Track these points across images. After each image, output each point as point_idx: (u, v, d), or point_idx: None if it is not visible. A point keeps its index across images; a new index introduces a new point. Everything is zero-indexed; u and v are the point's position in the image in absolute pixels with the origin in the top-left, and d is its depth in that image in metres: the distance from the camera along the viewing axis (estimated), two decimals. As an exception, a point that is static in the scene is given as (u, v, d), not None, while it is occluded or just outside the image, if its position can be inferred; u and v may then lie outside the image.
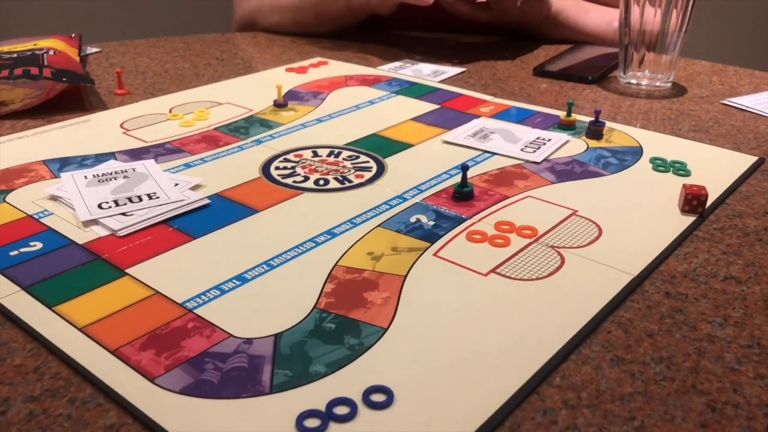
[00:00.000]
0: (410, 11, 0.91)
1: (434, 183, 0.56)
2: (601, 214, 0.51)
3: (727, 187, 0.56)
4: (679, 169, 0.59)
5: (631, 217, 0.51)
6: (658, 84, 0.82)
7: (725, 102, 0.78)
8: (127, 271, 0.44)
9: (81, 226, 0.49)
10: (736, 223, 0.51)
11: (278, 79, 0.82)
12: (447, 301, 0.41)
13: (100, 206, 0.51)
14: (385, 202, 0.53)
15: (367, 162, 0.60)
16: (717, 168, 0.60)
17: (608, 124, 0.68)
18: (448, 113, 0.73)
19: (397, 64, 0.92)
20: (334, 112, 0.73)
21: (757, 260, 0.47)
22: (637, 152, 0.63)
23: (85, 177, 0.55)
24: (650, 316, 0.41)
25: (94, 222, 0.49)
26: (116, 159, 0.60)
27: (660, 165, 0.60)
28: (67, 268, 0.44)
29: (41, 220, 0.50)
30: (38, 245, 0.47)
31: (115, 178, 0.55)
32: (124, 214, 0.50)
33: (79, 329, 0.38)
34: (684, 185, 0.53)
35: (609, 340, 0.39)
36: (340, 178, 0.57)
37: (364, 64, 0.92)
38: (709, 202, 0.53)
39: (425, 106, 0.75)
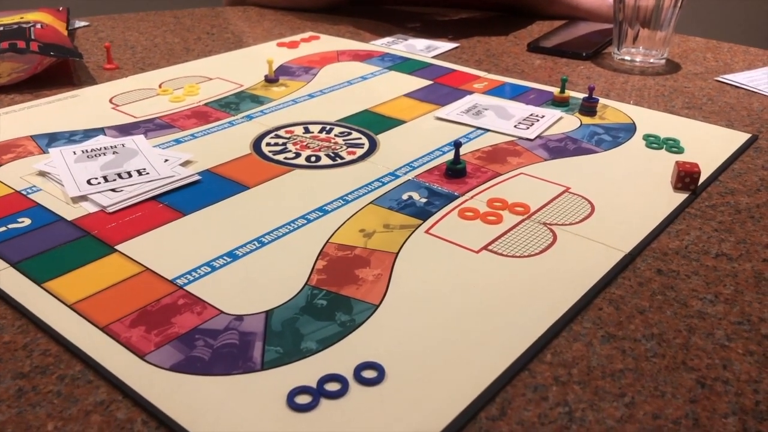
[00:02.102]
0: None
1: (427, 160, 0.56)
2: (593, 191, 0.51)
3: (720, 164, 0.56)
4: (672, 146, 0.59)
5: (624, 194, 0.51)
6: (652, 60, 0.82)
7: (719, 79, 0.77)
8: (116, 247, 0.43)
9: (70, 202, 0.48)
10: (729, 201, 0.51)
11: (269, 54, 0.81)
12: (439, 278, 0.41)
13: (89, 182, 0.50)
14: (378, 179, 0.53)
15: (359, 138, 0.60)
16: (710, 145, 0.60)
17: (602, 100, 0.68)
18: (441, 89, 0.72)
19: (389, 39, 0.91)
20: (325, 87, 0.72)
21: (749, 237, 0.47)
22: (630, 129, 0.62)
23: (74, 152, 0.55)
24: (641, 293, 0.41)
25: (83, 198, 0.49)
26: (105, 134, 0.60)
27: (653, 142, 0.59)
28: (56, 245, 0.44)
29: (29, 196, 0.49)
30: (27, 221, 0.46)
31: (105, 154, 0.55)
32: (113, 190, 0.50)
33: (69, 306, 0.38)
34: (677, 162, 0.53)
35: (600, 316, 0.39)
36: (332, 155, 0.57)
37: (357, 39, 0.91)
38: (701, 180, 0.53)
39: (418, 82, 0.74)
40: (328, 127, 0.62)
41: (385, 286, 0.40)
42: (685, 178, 0.52)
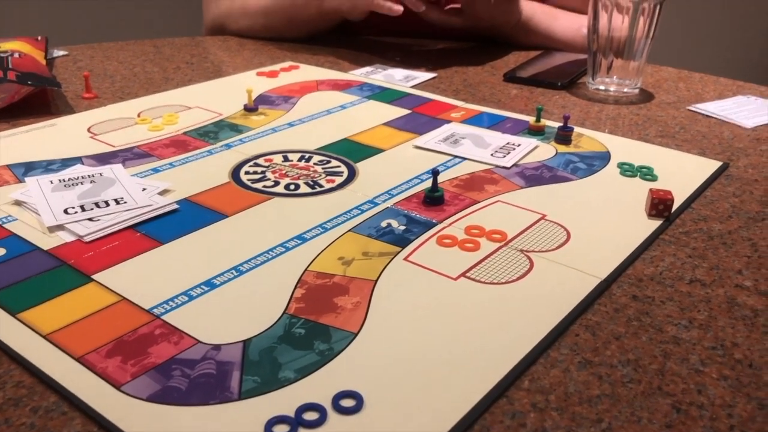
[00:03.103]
0: (381, 17, 0.91)
1: (405, 188, 0.56)
2: (569, 219, 0.52)
3: (693, 191, 0.57)
4: (646, 173, 0.60)
5: (599, 222, 0.52)
6: (625, 90, 0.83)
7: (691, 108, 0.79)
8: (93, 277, 0.43)
9: (46, 232, 0.48)
10: (701, 227, 0.52)
11: (249, 83, 0.82)
12: (417, 305, 0.41)
13: (66, 211, 0.50)
14: (356, 207, 0.53)
15: (339, 167, 0.60)
16: (683, 173, 0.61)
17: (577, 129, 0.69)
18: (420, 118, 0.73)
19: (368, 68, 0.92)
20: (305, 116, 0.73)
21: (721, 263, 0.48)
22: (604, 157, 0.64)
23: (51, 182, 0.55)
24: (617, 319, 0.41)
25: (60, 227, 0.49)
26: (83, 163, 0.60)
27: (627, 170, 0.60)
28: (31, 275, 0.43)
29: (5, 225, 0.49)
30: (2, 251, 0.46)
31: (82, 183, 0.55)
32: (90, 219, 0.49)
33: (44, 336, 0.37)
34: (651, 190, 0.53)
35: (577, 343, 0.39)
36: (311, 183, 0.57)
37: (336, 68, 0.92)
38: (675, 207, 0.54)
39: (396, 111, 0.75)
40: (307, 155, 0.63)
41: (364, 314, 0.40)
42: (659, 205, 0.52)
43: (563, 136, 0.67)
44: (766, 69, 2.17)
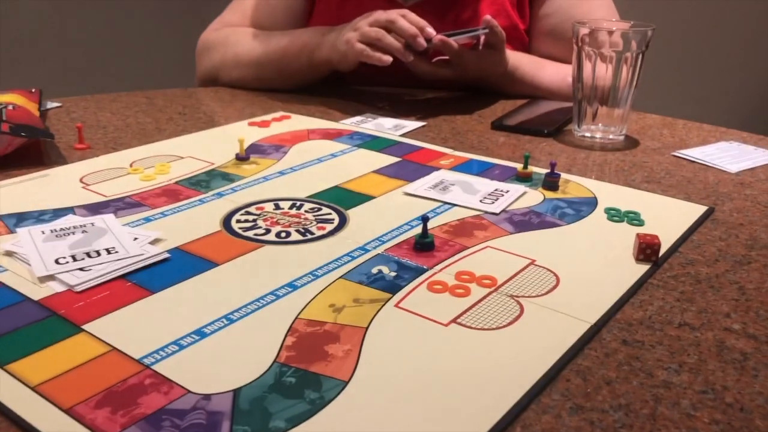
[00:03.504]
0: (371, 68, 0.93)
1: (396, 234, 0.57)
2: (558, 264, 0.52)
3: (680, 235, 0.58)
4: (633, 218, 0.61)
5: (588, 266, 0.52)
6: (611, 137, 0.85)
7: (676, 154, 0.81)
8: (83, 327, 0.43)
9: (37, 282, 0.48)
10: (689, 271, 0.53)
11: (241, 133, 0.83)
12: (408, 352, 0.41)
13: (57, 261, 0.50)
14: (347, 254, 0.53)
15: (329, 214, 0.61)
16: (669, 217, 0.62)
17: (564, 175, 0.70)
18: (409, 166, 0.74)
19: (359, 118, 0.93)
20: (296, 165, 0.74)
21: (710, 307, 0.48)
22: (592, 203, 0.64)
23: (42, 232, 0.55)
24: (608, 363, 0.41)
25: (51, 278, 0.48)
26: (75, 214, 0.60)
27: (614, 215, 0.61)
28: (20, 325, 0.43)
29: (-5, 276, 0.49)
30: (-9, 302, 0.46)
31: (73, 233, 0.55)
32: (81, 269, 0.49)
33: (32, 388, 0.37)
34: (638, 234, 0.54)
35: (568, 388, 0.39)
36: (302, 231, 0.57)
37: (327, 118, 0.93)
38: (662, 251, 0.54)
39: (387, 159, 0.76)
40: (298, 203, 0.63)
41: (355, 362, 0.40)
42: (647, 249, 0.53)
43: (551, 182, 0.68)
44: (747, 116, 2.21)
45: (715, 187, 0.70)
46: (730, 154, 0.80)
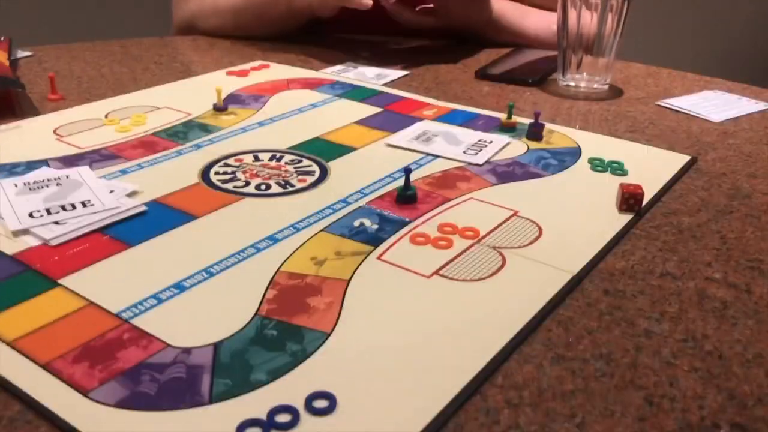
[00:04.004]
0: (352, 14, 0.90)
1: (378, 186, 0.56)
2: (541, 215, 0.52)
3: (662, 186, 0.58)
4: (617, 168, 0.60)
5: (571, 217, 0.52)
6: (595, 86, 0.84)
7: (660, 103, 0.80)
8: (59, 281, 0.42)
9: (10, 236, 0.47)
10: (671, 221, 0.53)
11: (218, 82, 0.81)
12: (390, 304, 0.41)
13: (31, 215, 0.49)
14: (329, 207, 0.53)
15: (310, 166, 0.60)
16: (652, 167, 0.61)
17: (548, 125, 0.70)
18: (392, 116, 0.73)
19: (339, 67, 0.91)
20: (276, 115, 0.72)
21: (691, 256, 0.48)
22: (575, 153, 0.64)
23: (15, 185, 0.53)
24: (590, 313, 0.41)
25: (25, 231, 0.47)
26: (49, 166, 0.58)
27: (598, 165, 0.61)
28: (-6, 280, 0.42)
29: (-33, 230, 0.48)
30: (-36, 257, 0.45)
31: (47, 186, 0.53)
32: (56, 222, 0.48)
33: (8, 344, 0.37)
34: (621, 184, 0.54)
35: (550, 338, 0.39)
36: (283, 183, 0.56)
37: (307, 67, 0.91)
38: (645, 201, 0.54)
39: (368, 110, 0.75)
40: (278, 155, 0.62)
41: (337, 314, 0.40)
42: (629, 199, 0.53)
43: (534, 132, 0.67)
44: (732, 64, 2.20)
45: (698, 136, 0.70)
46: (714, 104, 0.80)
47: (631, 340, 0.39)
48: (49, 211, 0.50)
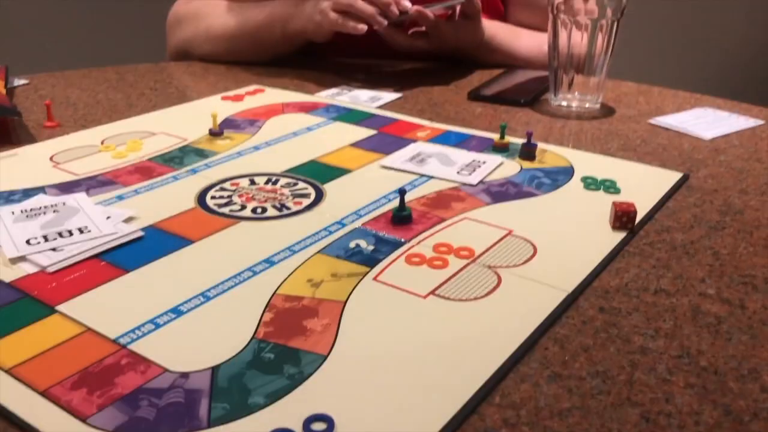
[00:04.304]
0: (346, 39, 0.91)
1: (373, 208, 0.57)
2: (535, 233, 0.52)
3: (655, 203, 0.58)
4: (609, 187, 0.61)
5: (565, 235, 0.53)
6: (587, 105, 0.85)
7: (651, 121, 0.81)
8: (57, 308, 0.42)
9: (8, 264, 0.47)
10: (664, 238, 0.53)
11: (214, 107, 0.82)
12: (387, 324, 0.41)
13: (28, 242, 0.49)
14: (325, 229, 0.53)
15: (306, 188, 0.60)
16: (645, 185, 0.62)
17: (540, 145, 0.70)
18: (386, 138, 0.73)
19: (334, 90, 0.92)
20: (271, 139, 0.73)
21: (685, 273, 0.48)
22: (568, 172, 0.64)
23: (12, 212, 0.54)
24: (585, 331, 0.42)
25: (22, 258, 0.48)
26: (46, 193, 0.59)
27: (591, 183, 0.61)
28: (-8, 308, 0.42)
29: (-35, 258, 0.48)
30: (-39, 285, 0.45)
31: (45, 213, 0.54)
32: (53, 249, 0.49)
33: (6, 371, 0.37)
34: (614, 202, 0.54)
35: (546, 356, 0.39)
36: (279, 206, 0.57)
37: (301, 90, 0.92)
38: (638, 219, 0.54)
39: (363, 132, 0.75)
40: (274, 178, 0.62)
41: (334, 336, 0.40)
42: (623, 217, 0.53)
43: (527, 152, 0.67)
44: (722, 81, 2.22)
45: (690, 153, 0.71)
46: (704, 121, 0.81)
47: (627, 357, 0.39)
48: (46, 238, 0.50)
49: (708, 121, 0.80)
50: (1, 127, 0.74)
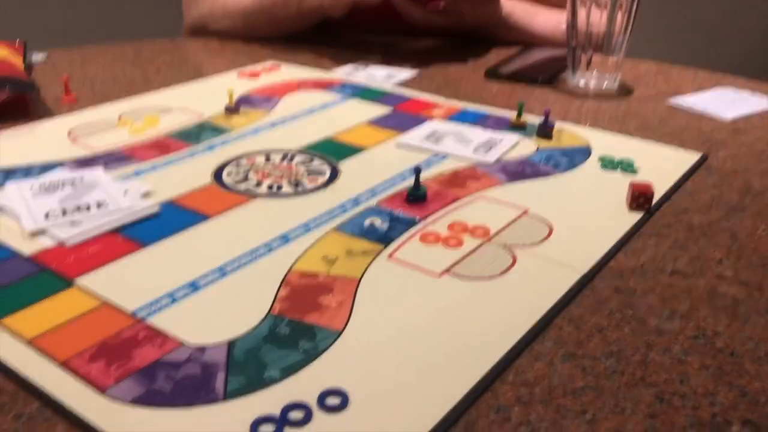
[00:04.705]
0: (363, 15, 0.91)
1: (388, 186, 0.57)
2: (551, 213, 0.52)
3: (673, 184, 0.58)
4: (627, 167, 0.60)
5: (581, 215, 0.52)
6: (605, 84, 0.84)
7: (670, 101, 0.80)
8: (75, 281, 0.43)
9: (27, 237, 0.48)
10: (682, 219, 0.53)
11: (230, 84, 0.82)
12: (401, 302, 0.41)
13: (46, 216, 0.50)
14: (340, 206, 0.53)
15: (321, 166, 0.60)
16: (663, 165, 0.61)
17: (558, 124, 0.70)
18: (402, 116, 0.73)
19: (350, 67, 0.92)
20: (287, 116, 0.73)
21: (702, 254, 0.48)
22: (585, 152, 0.64)
23: (31, 187, 0.54)
24: (600, 311, 0.42)
25: (41, 232, 0.48)
26: (64, 168, 0.59)
27: (608, 164, 0.61)
28: (11, 281, 0.43)
29: (-15, 231, 0.49)
30: (-18, 257, 0.45)
31: (63, 187, 0.54)
32: (72, 223, 0.49)
33: (26, 342, 0.37)
34: (631, 183, 0.54)
35: (560, 336, 0.39)
36: (294, 183, 0.57)
37: (317, 67, 0.92)
38: (655, 199, 0.54)
39: (379, 110, 0.75)
40: (289, 155, 0.62)
41: (348, 312, 0.40)
42: (640, 198, 0.53)
43: (544, 131, 0.67)
44: (743, 61, 2.19)
45: (709, 134, 0.70)
46: (725, 101, 0.79)
47: (642, 338, 0.39)
48: (64, 212, 0.50)
49: (728, 102, 0.79)
50: (20, 101, 0.74)
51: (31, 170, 0.58)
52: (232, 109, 0.73)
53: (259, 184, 0.56)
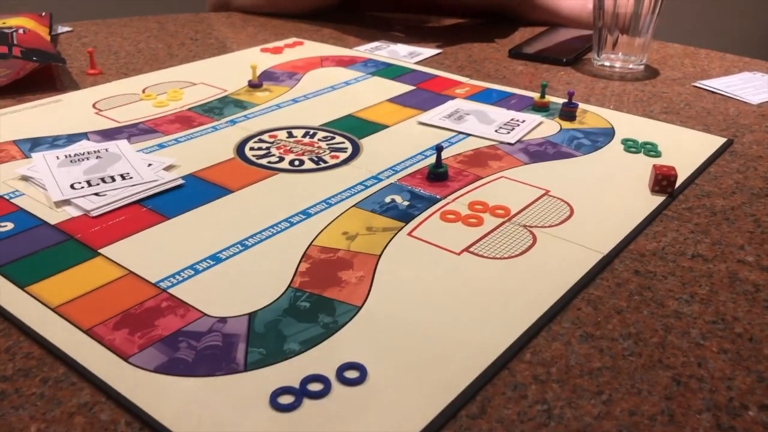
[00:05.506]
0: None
1: (409, 164, 0.57)
2: (572, 194, 0.52)
3: (697, 167, 0.57)
4: (650, 150, 0.60)
5: (602, 197, 0.52)
6: (631, 66, 0.83)
7: (696, 84, 0.79)
8: (100, 251, 0.44)
9: (53, 207, 0.49)
10: (704, 203, 0.52)
11: (253, 59, 0.82)
12: (420, 279, 0.42)
13: (72, 186, 0.50)
14: (360, 183, 0.53)
15: (343, 143, 0.60)
16: (687, 149, 0.61)
17: (581, 105, 0.69)
18: (424, 94, 0.73)
19: (373, 44, 0.91)
20: (309, 92, 0.73)
21: (724, 239, 0.48)
22: (609, 133, 0.64)
23: (57, 157, 0.55)
24: (619, 293, 0.41)
25: (67, 202, 0.49)
26: (89, 139, 0.60)
27: (631, 146, 0.60)
28: (39, 249, 0.44)
29: (12, 200, 0.49)
30: (9, 225, 0.46)
31: (88, 159, 0.55)
32: (97, 194, 0.50)
33: (52, 309, 0.38)
34: (654, 166, 0.53)
35: (579, 316, 0.39)
36: (316, 159, 0.57)
37: (340, 44, 0.91)
38: (678, 183, 0.54)
39: (401, 88, 0.75)
40: (311, 131, 0.63)
41: (368, 288, 0.41)
42: (663, 181, 0.52)
43: (568, 112, 0.66)
44: (774, 46, 2.15)
45: (735, 118, 0.69)
46: (752, 85, 0.78)
47: (660, 321, 0.39)
48: (89, 183, 0.51)
49: (756, 86, 0.78)
50: (46, 73, 0.75)
51: (57, 141, 0.59)
52: (255, 84, 0.73)
53: (281, 159, 0.57)
